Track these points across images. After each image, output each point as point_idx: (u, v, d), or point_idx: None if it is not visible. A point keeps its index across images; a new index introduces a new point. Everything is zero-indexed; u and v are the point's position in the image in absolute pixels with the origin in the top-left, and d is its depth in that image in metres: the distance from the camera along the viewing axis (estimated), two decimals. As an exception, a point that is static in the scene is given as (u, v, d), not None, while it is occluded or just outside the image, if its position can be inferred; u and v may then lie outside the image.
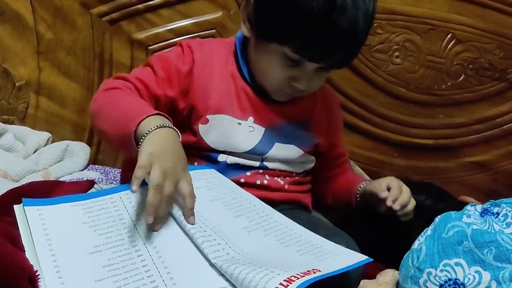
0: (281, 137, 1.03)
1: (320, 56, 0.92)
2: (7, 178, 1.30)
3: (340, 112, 1.19)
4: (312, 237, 0.84)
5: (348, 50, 0.93)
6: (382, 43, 1.51)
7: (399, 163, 1.57)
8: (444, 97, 1.54)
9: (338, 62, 0.95)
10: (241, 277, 0.71)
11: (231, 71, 1.01)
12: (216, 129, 0.99)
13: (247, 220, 0.85)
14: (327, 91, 1.15)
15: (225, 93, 0.99)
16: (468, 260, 0.82)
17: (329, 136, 1.12)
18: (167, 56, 1.00)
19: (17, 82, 1.53)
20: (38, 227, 0.80)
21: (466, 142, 1.55)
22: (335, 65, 0.96)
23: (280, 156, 1.03)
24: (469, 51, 1.50)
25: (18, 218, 0.82)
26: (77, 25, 1.52)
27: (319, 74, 0.97)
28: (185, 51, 1.00)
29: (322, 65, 0.94)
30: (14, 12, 1.50)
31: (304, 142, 1.07)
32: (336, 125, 1.15)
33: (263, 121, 1.01)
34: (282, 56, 0.93)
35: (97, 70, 1.54)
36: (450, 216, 0.89)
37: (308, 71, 0.95)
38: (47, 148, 1.47)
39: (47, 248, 0.77)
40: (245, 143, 1.00)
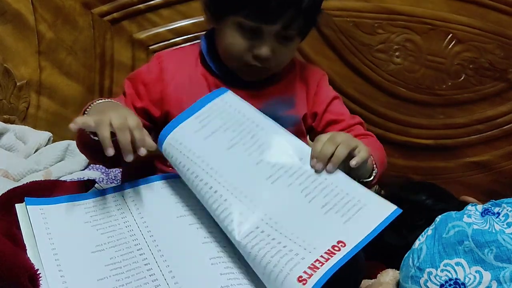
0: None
1: (269, 16, 0.92)
2: (8, 178, 1.31)
3: (328, 88, 1.11)
4: (339, 181, 0.81)
5: (297, 8, 0.93)
6: (383, 43, 1.51)
7: (399, 163, 1.57)
8: (444, 97, 1.54)
9: (293, 24, 0.94)
10: (265, 261, 0.71)
11: (201, 71, 1.03)
12: None
13: (268, 166, 0.82)
14: (311, 69, 1.11)
15: (197, 94, 0.98)
16: (469, 260, 0.82)
17: (315, 107, 1.08)
18: (134, 72, 1.06)
19: (18, 81, 1.53)
20: (41, 226, 0.80)
21: (467, 142, 1.56)
22: (290, 28, 0.94)
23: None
24: (470, 51, 1.51)
25: (20, 217, 0.83)
26: (78, 25, 1.52)
27: (283, 44, 0.96)
28: (153, 62, 1.04)
29: (278, 29, 0.94)
30: (15, 12, 1.50)
31: (288, 122, 1.02)
32: (325, 97, 1.09)
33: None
34: (239, 27, 0.95)
35: (98, 70, 1.54)
36: (451, 216, 0.89)
37: (268, 38, 0.95)
38: (48, 147, 1.47)
39: (50, 247, 0.77)
40: None
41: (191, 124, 0.87)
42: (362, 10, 1.50)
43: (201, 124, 0.87)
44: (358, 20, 1.50)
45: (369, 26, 1.50)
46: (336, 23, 1.50)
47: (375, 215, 0.76)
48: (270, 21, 0.93)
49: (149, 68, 1.03)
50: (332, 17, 1.50)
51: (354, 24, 1.50)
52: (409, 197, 1.23)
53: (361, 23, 1.50)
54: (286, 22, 0.93)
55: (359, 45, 1.51)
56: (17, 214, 0.83)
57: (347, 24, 1.50)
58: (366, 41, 1.51)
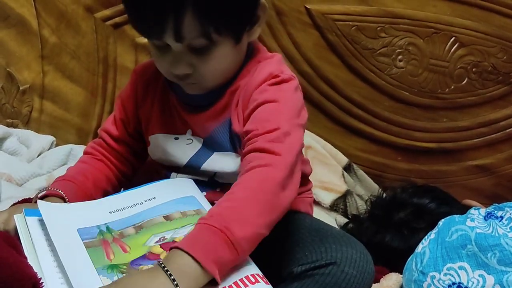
0: (218, 145, 0.94)
1: (155, 31, 0.83)
2: (11, 182, 1.31)
3: (264, 90, 0.89)
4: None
5: (177, 16, 0.80)
6: (385, 47, 1.51)
7: (402, 167, 1.57)
8: (447, 100, 1.53)
9: (187, 34, 0.82)
10: None
11: (165, 88, 0.98)
12: (156, 148, 0.99)
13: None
14: (260, 71, 0.91)
15: (161, 112, 0.98)
16: (472, 264, 0.82)
17: (244, 121, 0.90)
18: (120, 94, 1.04)
19: (21, 86, 1.54)
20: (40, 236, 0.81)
21: (470, 145, 1.55)
22: (186, 38, 0.82)
23: (216, 168, 0.94)
24: (473, 55, 1.50)
25: (19, 227, 0.83)
26: (81, 29, 1.52)
27: (201, 55, 0.85)
28: (132, 79, 1.02)
29: (173, 41, 0.83)
30: (19, 17, 1.51)
31: (238, 144, 0.92)
32: (252, 103, 0.89)
33: (201, 131, 0.95)
34: (154, 47, 0.87)
35: (101, 73, 1.55)
36: (454, 219, 0.89)
37: (180, 54, 0.85)
38: (51, 152, 1.47)
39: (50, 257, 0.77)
40: (181, 157, 0.96)
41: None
42: (365, 14, 1.50)
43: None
44: (361, 24, 1.50)
45: (372, 30, 1.50)
46: (338, 28, 1.50)
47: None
48: (159, 36, 0.83)
49: (128, 90, 1.02)
50: (334, 21, 1.50)
51: (357, 28, 1.50)
52: (412, 200, 1.23)
53: (363, 27, 1.50)
54: (177, 34, 0.82)
55: (362, 49, 1.51)
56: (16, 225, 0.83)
57: (349, 28, 1.50)
58: (369, 45, 1.51)
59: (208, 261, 0.71)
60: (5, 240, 0.80)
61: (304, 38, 1.52)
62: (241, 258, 0.76)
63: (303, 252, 0.84)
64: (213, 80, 0.90)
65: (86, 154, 1.03)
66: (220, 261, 0.73)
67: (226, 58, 0.88)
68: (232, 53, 0.88)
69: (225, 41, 0.85)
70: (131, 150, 1.04)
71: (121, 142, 1.03)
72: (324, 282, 0.81)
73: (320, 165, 1.45)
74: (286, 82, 0.89)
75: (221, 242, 0.73)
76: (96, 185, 0.98)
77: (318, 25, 1.50)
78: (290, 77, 0.90)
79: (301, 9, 1.50)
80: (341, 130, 1.57)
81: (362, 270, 0.82)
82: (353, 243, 0.85)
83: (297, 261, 0.84)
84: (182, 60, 0.86)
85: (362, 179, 1.52)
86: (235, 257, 0.74)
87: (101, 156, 1.02)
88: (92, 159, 1.02)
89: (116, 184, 1.03)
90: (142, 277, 0.72)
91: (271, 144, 0.82)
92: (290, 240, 0.88)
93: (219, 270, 0.73)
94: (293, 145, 0.84)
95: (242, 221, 0.75)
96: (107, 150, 1.02)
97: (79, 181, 0.96)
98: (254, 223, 0.76)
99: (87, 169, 0.99)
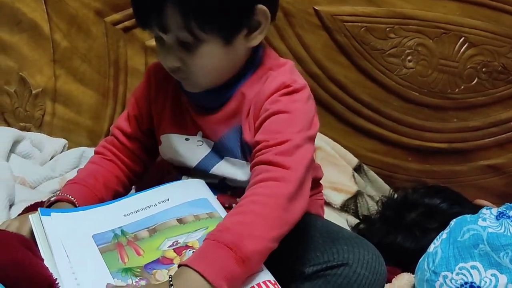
0: (228, 151, 0.94)
1: (144, 21, 0.86)
2: (25, 185, 1.32)
3: (275, 101, 0.88)
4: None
5: (158, 8, 0.82)
6: (395, 48, 1.51)
7: (413, 167, 1.57)
8: (457, 100, 1.53)
9: (170, 27, 0.83)
10: None
11: (177, 88, 0.98)
12: (167, 148, 0.99)
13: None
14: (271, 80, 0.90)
15: (173, 112, 0.98)
16: (484, 263, 0.82)
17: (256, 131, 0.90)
18: (134, 91, 1.04)
19: (33, 90, 1.55)
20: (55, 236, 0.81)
21: (480, 145, 1.55)
22: (170, 31, 0.83)
23: (226, 174, 0.95)
24: (482, 55, 1.50)
25: (34, 227, 0.84)
26: (92, 33, 1.54)
27: (189, 51, 0.86)
28: (145, 78, 1.02)
29: (172, 36, 0.85)
30: (31, 22, 1.52)
31: (248, 152, 0.92)
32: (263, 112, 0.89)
33: (212, 134, 0.95)
34: (155, 40, 0.89)
35: (112, 76, 1.56)
36: (466, 219, 0.89)
37: (170, 48, 0.87)
38: (64, 154, 1.48)
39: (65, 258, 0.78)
40: (191, 158, 0.96)
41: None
42: (374, 15, 1.50)
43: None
44: (370, 25, 1.50)
45: (381, 31, 1.50)
46: (347, 29, 1.50)
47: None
48: (147, 26, 0.86)
49: (143, 88, 1.02)
50: (343, 22, 1.50)
51: (366, 29, 1.51)
52: (424, 201, 1.23)
53: (373, 28, 1.50)
54: (160, 24, 0.83)
55: (371, 50, 1.51)
56: (32, 225, 0.84)
57: (358, 29, 1.50)
58: (378, 46, 1.51)
59: (218, 279, 0.72)
60: (21, 242, 0.81)
61: (313, 40, 1.52)
62: (251, 271, 0.76)
63: (315, 253, 0.85)
64: (203, 78, 0.90)
65: (96, 154, 1.04)
66: (231, 277, 0.73)
67: (215, 57, 0.87)
68: (223, 53, 0.87)
69: (212, 40, 0.85)
70: (143, 147, 1.04)
71: (134, 139, 1.03)
72: (336, 283, 0.81)
73: (329, 166, 1.45)
74: (298, 92, 0.89)
75: (231, 259, 0.74)
76: (107, 187, 0.99)
77: (327, 27, 1.51)
78: (302, 86, 0.90)
79: (309, 10, 1.50)
80: (350, 131, 1.57)
81: (374, 271, 0.83)
82: (365, 244, 0.86)
83: (308, 262, 0.84)
84: (171, 53, 0.87)
85: (372, 180, 1.52)
86: (246, 272, 0.75)
87: (112, 156, 1.02)
88: (102, 160, 1.02)
89: (127, 184, 1.04)
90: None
91: (281, 157, 0.82)
92: (301, 241, 0.88)
93: (229, 286, 0.73)
94: (303, 158, 0.84)
95: (252, 237, 0.76)
96: (118, 148, 1.03)
97: (89, 184, 0.97)
98: (264, 238, 0.77)
99: (98, 171, 1.00)
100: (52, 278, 0.75)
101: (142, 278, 0.77)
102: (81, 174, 1.00)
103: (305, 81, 0.93)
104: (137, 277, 0.77)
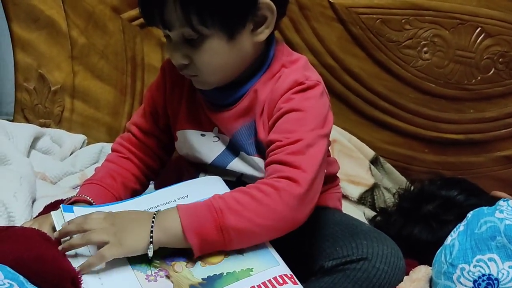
0: (242, 147, 0.95)
1: (149, 18, 0.87)
2: (46, 180, 1.34)
3: (289, 99, 0.89)
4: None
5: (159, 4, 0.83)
6: (410, 39, 1.51)
7: (430, 159, 1.57)
8: (474, 91, 1.53)
9: (173, 23, 0.84)
10: None
11: (192, 85, 0.97)
12: (184, 144, 1.00)
13: None
14: (285, 77, 0.91)
15: (189, 108, 0.99)
16: (502, 255, 0.82)
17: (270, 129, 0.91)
18: (149, 87, 1.05)
19: (52, 86, 1.57)
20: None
21: (497, 136, 1.54)
22: (174, 27, 0.85)
23: (242, 170, 0.96)
24: (499, 45, 1.49)
25: (57, 223, 0.85)
26: (109, 29, 1.55)
27: (195, 47, 0.86)
28: (160, 74, 1.03)
29: (177, 32, 0.86)
30: (48, 19, 1.54)
31: (259, 149, 0.94)
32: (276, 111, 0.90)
33: (228, 129, 0.95)
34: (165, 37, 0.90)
35: (129, 72, 1.57)
36: (483, 211, 0.89)
37: (177, 44, 0.88)
38: (83, 150, 1.50)
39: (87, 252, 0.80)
40: (208, 154, 0.97)
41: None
42: (389, 6, 1.50)
43: None
44: (385, 17, 1.50)
45: (397, 22, 1.50)
46: (363, 21, 1.50)
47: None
48: (152, 23, 0.87)
49: (158, 83, 1.03)
50: (358, 15, 1.50)
51: (381, 21, 1.50)
52: (440, 193, 1.22)
53: (388, 19, 1.50)
54: (163, 21, 0.85)
55: (387, 42, 1.51)
56: (54, 221, 0.86)
57: (374, 21, 1.50)
58: (394, 37, 1.51)
59: (191, 230, 0.78)
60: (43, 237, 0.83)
61: (328, 32, 1.52)
62: (227, 245, 0.80)
63: (334, 247, 0.86)
64: (210, 75, 0.90)
65: (113, 152, 1.05)
66: (203, 237, 0.78)
67: (219, 53, 0.87)
68: (227, 49, 0.87)
69: (215, 35, 0.85)
70: (160, 143, 1.05)
71: (150, 135, 1.04)
72: (355, 277, 0.82)
73: (346, 158, 1.45)
74: (312, 89, 0.89)
75: (210, 221, 0.78)
76: (125, 186, 1.00)
77: (342, 19, 1.51)
78: (315, 82, 0.90)
79: (324, 3, 1.50)
80: (367, 123, 1.57)
81: (393, 265, 0.83)
82: (384, 239, 0.87)
83: (328, 256, 0.85)
84: (178, 50, 0.87)
85: (389, 172, 1.52)
86: (221, 242, 0.79)
87: (128, 153, 1.03)
88: (119, 158, 1.03)
89: (144, 181, 1.05)
90: (133, 215, 0.82)
91: (293, 157, 0.83)
92: (320, 235, 0.89)
93: (201, 245, 0.78)
94: (315, 157, 0.85)
95: (238, 214, 0.79)
96: (135, 144, 1.03)
97: (107, 183, 0.98)
98: (250, 220, 0.79)
99: (115, 170, 1.01)
100: (75, 272, 0.77)
101: (161, 269, 0.79)
102: (98, 174, 1.01)
103: (320, 76, 0.93)
104: (156, 268, 0.79)
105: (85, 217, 0.81)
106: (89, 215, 0.81)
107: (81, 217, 0.81)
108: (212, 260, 0.80)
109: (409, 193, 1.33)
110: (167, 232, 0.79)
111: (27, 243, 0.79)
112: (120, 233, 0.78)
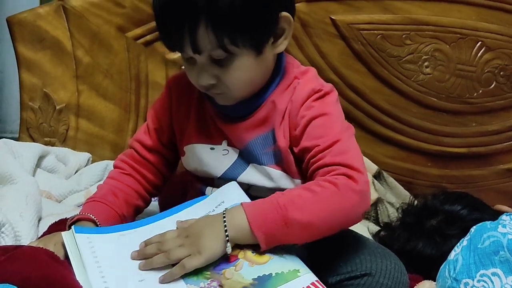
0: (254, 158, 0.96)
1: (176, 43, 0.88)
2: (51, 199, 1.35)
3: (311, 106, 0.92)
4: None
5: (191, 29, 0.84)
6: (411, 54, 1.52)
7: (432, 173, 1.57)
8: (476, 105, 1.54)
9: (203, 46, 0.85)
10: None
11: (201, 98, 0.99)
12: (192, 158, 1.00)
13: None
14: (300, 88, 0.94)
15: (197, 122, 0.99)
16: (505, 270, 0.82)
17: (296, 138, 0.93)
18: (153, 104, 1.06)
19: (57, 105, 1.58)
20: (89, 254, 0.83)
21: (500, 149, 1.55)
22: (203, 51, 0.85)
23: (253, 181, 0.96)
24: (500, 58, 1.51)
25: (67, 244, 0.85)
26: (113, 48, 1.56)
27: (223, 66, 0.88)
28: (166, 91, 1.04)
29: (204, 55, 0.87)
30: (54, 39, 1.55)
31: (276, 158, 0.95)
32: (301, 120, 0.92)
33: (237, 142, 0.96)
34: (184, 60, 0.92)
35: (134, 90, 1.58)
36: (486, 226, 0.89)
37: (203, 66, 0.88)
38: (88, 168, 1.50)
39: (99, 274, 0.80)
40: (217, 168, 0.98)
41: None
42: (390, 22, 1.51)
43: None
44: (386, 33, 1.51)
45: (397, 37, 1.51)
46: (364, 37, 1.52)
47: None
48: (180, 49, 0.88)
49: (163, 101, 1.04)
50: (359, 31, 1.52)
51: (382, 36, 1.52)
52: (444, 207, 1.23)
53: (389, 35, 1.51)
54: (194, 46, 0.85)
55: (388, 57, 1.52)
56: (64, 241, 0.86)
57: (375, 37, 1.51)
58: (395, 52, 1.52)
59: (257, 226, 0.81)
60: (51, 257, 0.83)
61: (330, 48, 1.54)
62: (288, 239, 0.83)
63: (338, 263, 0.86)
64: (239, 91, 0.91)
65: (115, 168, 1.05)
66: (269, 231, 0.81)
67: (249, 69, 0.89)
68: (255, 64, 0.89)
69: (245, 53, 0.87)
70: (163, 159, 1.05)
71: (154, 152, 1.04)
72: None
73: (350, 173, 1.46)
74: (329, 94, 0.94)
75: (276, 216, 0.81)
76: (127, 202, 1.00)
77: (344, 35, 1.52)
78: (331, 88, 0.95)
79: (326, 20, 1.52)
80: (369, 137, 1.58)
81: (397, 281, 0.84)
82: (387, 254, 0.88)
83: (332, 272, 0.86)
84: (206, 71, 0.88)
85: (392, 187, 1.53)
86: (283, 235, 0.82)
87: (130, 170, 1.03)
88: (121, 175, 1.03)
89: (147, 198, 1.05)
90: (203, 221, 0.85)
91: (339, 157, 0.87)
92: (324, 250, 0.90)
93: (266, 239, 0.81)
94: (357, 154, 0.89)
95: (300, 208, 0.82)
96: (138, 161, 1.03)
97: (109, 201, 0.98)
98: (311, 213, 0.82)
99: (117, 186, 1.01)
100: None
101: (213, 280, 0.80)
102: (100, 191, 1.01)
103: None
104: (208, 279, 0.80)
105: (161, 237, 0.84)
106: (163, 235, 0.84)
107: (157, 237, 0.84)
108: (259, 260, 0.82)
109: (412, 208, 1.33)
110: (237, 228, 0.81)
111: (35, 262, 0.79)
112: (196, 240, 0.81)
